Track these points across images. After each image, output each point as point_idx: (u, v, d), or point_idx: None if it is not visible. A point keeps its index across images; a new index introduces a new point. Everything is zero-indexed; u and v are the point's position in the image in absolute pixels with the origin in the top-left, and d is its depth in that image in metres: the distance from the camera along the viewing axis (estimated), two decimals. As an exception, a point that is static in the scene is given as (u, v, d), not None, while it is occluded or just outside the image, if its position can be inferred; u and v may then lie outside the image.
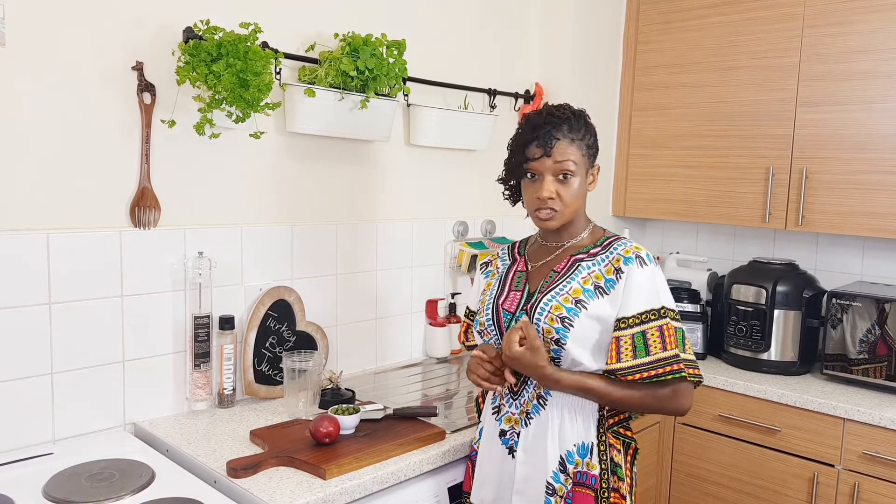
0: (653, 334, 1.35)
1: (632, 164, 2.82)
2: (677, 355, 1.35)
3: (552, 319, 1.39)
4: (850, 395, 2.12)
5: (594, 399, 1.39)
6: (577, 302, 1.39)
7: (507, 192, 1.58)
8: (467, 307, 1.73)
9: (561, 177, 1.42)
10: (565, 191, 1.42)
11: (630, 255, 1.40)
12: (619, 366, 1.35)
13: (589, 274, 1.42)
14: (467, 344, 1.73)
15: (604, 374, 1.39)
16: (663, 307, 1.37)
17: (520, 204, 1.56)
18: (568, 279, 1.43)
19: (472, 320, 1.65)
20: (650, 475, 2.43)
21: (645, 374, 1.34)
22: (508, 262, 1.59)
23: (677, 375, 1.35)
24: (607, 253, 1.43)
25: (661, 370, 1.34)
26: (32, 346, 1.51)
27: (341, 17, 2.01)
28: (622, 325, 1.37)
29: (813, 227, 2.36)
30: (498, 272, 1.59)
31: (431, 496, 1.57)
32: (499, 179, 1.57)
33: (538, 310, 1.42)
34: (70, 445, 1.54)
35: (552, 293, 1.42)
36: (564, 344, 1.38)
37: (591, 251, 1.46)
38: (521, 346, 1.37)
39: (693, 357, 1.39)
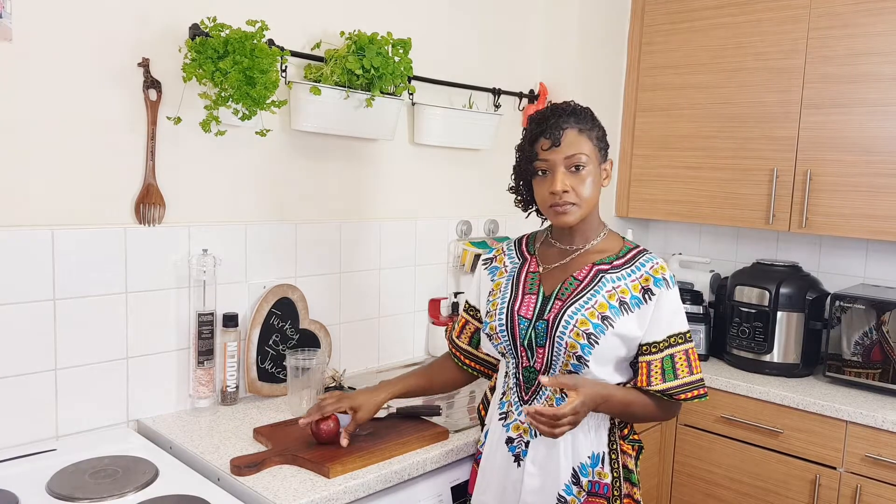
0: (680, 358, 1.38)
1: (635, 165, 2.82)
2: (701, 379, 1.40)
3: (578, 335, 1.34)
4: (852, 398, 2.12)
5: (623, 414, 1.40)
6: (604, 318, 1.34)
7: (518, 199, 1.51)
8: (467, 302, 1.63)
9: (573, 169, 1.36)
10: (579, 184, 1.36)
11: (660, 276, 1.39)
12: (658, 388, 1.37)
13: (614, 288, 1.37)
14: (458, 342, 1.62)
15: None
16: (688, 331, 1.40)
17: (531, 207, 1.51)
18: (592, 291, 1.38)
19: (474, 317, 1.59)
20: (652, 476, 2.43)
21: (675, 398, 1.39)
22: (518, 261, 1.51)
23: (702, 399, 1.40)
24: (634, 267, 1.40)
25: (689, 395, 1.39)
26: (36, 342, 1.51)
27: (347, 16, 2.01)
28: (652, 350, 1.37)
29: (816, 229, 2.36)
30: (507, 271, 1.51)
31: (434, 495, 1.57)
32: (509, 189, 1.51)
33: (562, 322, 1.36)
34: (73, 442, 1.54)
35: (577, 305, 1.36)
36: (587, 360, 1.34)
37: (615, 262, 1.41)
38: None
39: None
